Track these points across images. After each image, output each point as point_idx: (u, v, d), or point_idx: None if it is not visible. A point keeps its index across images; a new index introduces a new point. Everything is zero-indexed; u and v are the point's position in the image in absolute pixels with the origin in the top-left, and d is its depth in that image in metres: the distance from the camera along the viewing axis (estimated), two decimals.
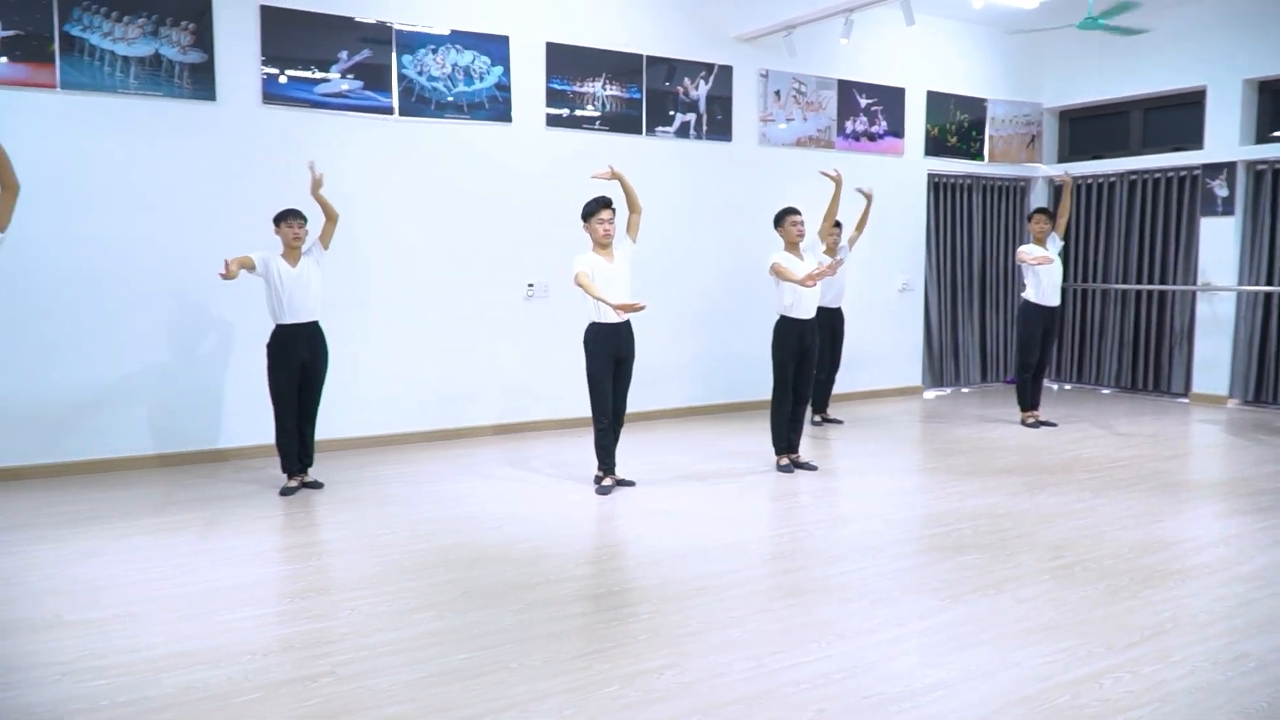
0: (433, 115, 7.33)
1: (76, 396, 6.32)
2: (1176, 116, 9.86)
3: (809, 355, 6.36)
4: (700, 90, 8.52)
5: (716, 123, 8.65)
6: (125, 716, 2.99)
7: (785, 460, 6.45)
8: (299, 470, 5.91)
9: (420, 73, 7.27)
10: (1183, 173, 9.61)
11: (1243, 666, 3.34)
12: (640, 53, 8.19)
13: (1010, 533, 4.97)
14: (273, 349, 5.75)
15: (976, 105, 10.26)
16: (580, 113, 7.96)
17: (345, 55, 6.99)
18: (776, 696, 3.13)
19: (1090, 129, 10.71)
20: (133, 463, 6.49)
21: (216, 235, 6.54)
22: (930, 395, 10.06)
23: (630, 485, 5.98)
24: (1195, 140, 9.51)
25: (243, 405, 6.73)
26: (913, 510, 5.54)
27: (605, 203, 5.77)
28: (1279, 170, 8.91)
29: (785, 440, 6.45)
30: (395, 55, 7.17)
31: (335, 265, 6.41)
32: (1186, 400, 9.54)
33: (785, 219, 6.36)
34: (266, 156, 6.76)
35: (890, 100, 9.67)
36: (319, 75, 6.92)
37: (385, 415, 7.32)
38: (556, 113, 7.84)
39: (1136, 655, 3.43)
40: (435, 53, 7.31)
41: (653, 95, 8.29)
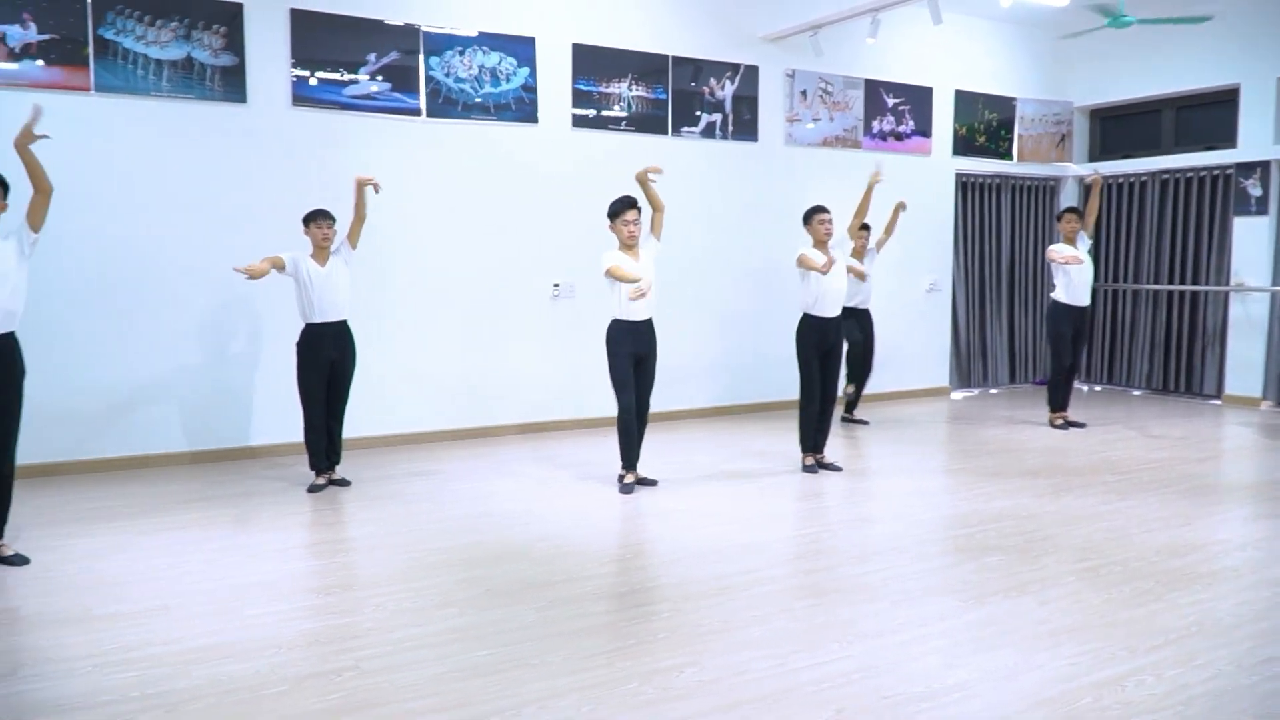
0: (459, 116, 7.39)
1: (111, 394, 6.42)
2: (1209, 115, 9.74)
3: (833, 354, 6.33)
4: (726, 90, 8.53)
5: (743, 123, 8.65)
6: (154, 708, 3.05)
7: (810, 460, 6.44)
8: (327, 468, 5.98)
9: (447, 74, 7.32)
10: (1215, 172, 9.50)
11: (1268, 671, 3.31)
12: (666, 53, 8.20)
13: (1035, 535, 4.94)
14: (302, 348, 5.82)
15: (1005, 104, 10.19)
16: (606, 113, 7.98)
17: (373, 57, 7.05)
18: (796, 695, 3.13)
19: (1121, 128, 10.60)
20: (165, 459, 6.59)
21: (247, 236, 6.62)
22: (957, 396, 10.01)
23: (653, 484, 6.00)
24: (1228, 139, 9.39)
25: (272, 403, 6.81)
26: (937, 511, 5.52)
27: (630, 203, 5.77)
28: None
29: (811, 440, 6.44)
30: (423, 57, 7.23)
31: (363, 265, 6.48)
32: (1219, 402, 9.42)
33: (813, 217, 6.34)
34: (296, 158, 6.85)
35: (918, 100, 9.63)
36: (347, 77, 6.99)
37: (412, 414, 7.39)
38: (582, 113, 7.88)
39: (1160, 658, 3.40)
40: (462, 54, 7.36)
41: (678, 96, 8.30)
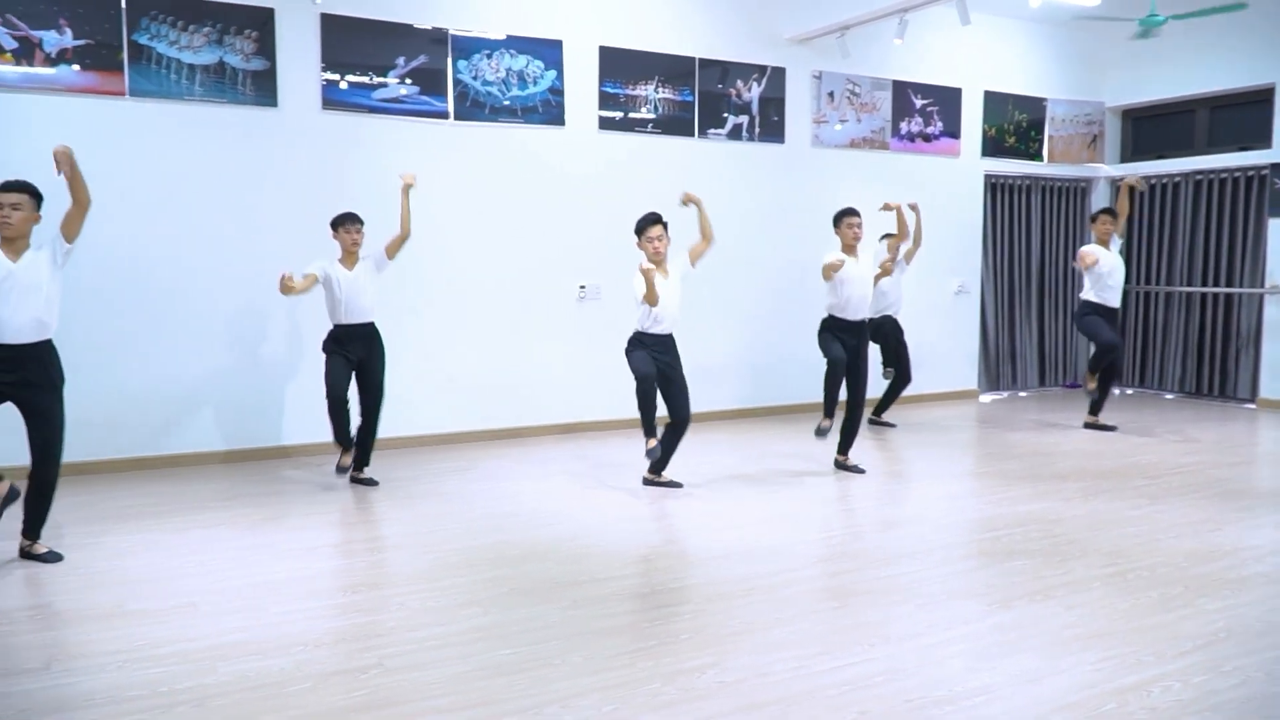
0: (487, 119, 7.43)
1: (143, 395, 6.52)
2: (1244, 115, 9.61)
3: (859, 356, 6.28)
4: (753, 92, 8.52)
5: (770, 124, 8.64)
6: (181, 703, 3.10)
7: (828, 424, 6.35)
8: (351, 445, 5.97)
9: (475, 77, 7.37)
10: (1250, 172, 9.37)
11: None
12: (693, 55, 8.21)
13: (1062, 539, 4.90)
14: (328, 345, 5.91)
15: (1035, 105, 10.11)
16: (633, 116, 8.00)
17: (402, 61, 7.12)
18: (818, 698, 3.13)
19: (1154, 128, 10.49)
20: (196, 459, 6.68)
21: (278, 238, 6.71)
22: (986, 399, 9.94)
23: (678, 487, 6.00)
24: (1263, 139, 9.26)
25: (302, 404, 6.88)
26: (963, 514, 5.48)
27: (655, 219, 5.72)
28: None
29: (834, 404, 6.32)
30: (451, 60, 7.28)
31: (392, 266, 6.52)
32: (1253, 406, 9.29)
33: (843, 220, 6.29)
34: (326, 160, 6.92)
35: (946, 100, 9.57)
36: (377, 81, 7.06)
37: (439, 415, 7.44)
38: (609, 115, 7.90)
39: (1187, 664, 3.37)
40: (490, 57, 7.41)
41: (705, 97, 8.31)
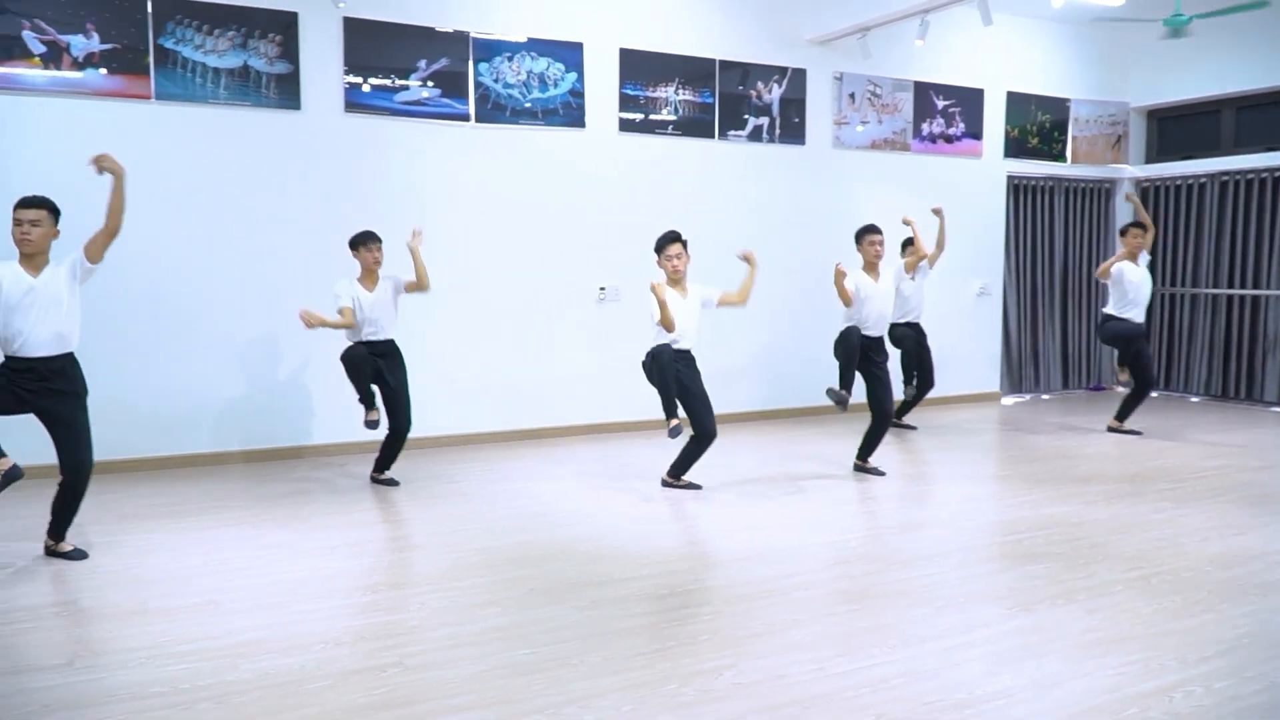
0: (508, 122, 7.46)
1: (167, 395, 6.58)
2: (1271, 115, 9.50)
3: (880, 368, 6.21)
4: (774, 94, 8.51)
5: (790, 126, 8.62)
6: (203, 699, 3.13)
7: (846, 393, 6.13)
8: (374, 403, 5.95)
9: (496, 80, 7.40)
10: (1277, 173, 9.27)
11: None
12: (713, 57, 8.21)
13: (1084, 542, 4.86)
14: (346, 354, 5.82)
15: (1059, 105, 10.04)
16: (653, 118, 8.01)
17: (424, 64, 7.15)
18: (835, 700, 3.12)
19: (1179, 128, 10.39)
20: (218, 458, 6.74)
21: (301, 240, 6.77)
22: (1008, 401, 9.88)
23: (697, 488, 5.99)
24: None
25: (324, 404, 6.94)
26: (984, 517, 5.45)
27: (675, 237, 5.71)
28: None
29: (851, 375, 6.16)
30: (472, 63, 7.31)
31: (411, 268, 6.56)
32: None
33: (864, 237, 6.22)
34: (348, 163, 6.98)
35: (968, 101, 9.52)
36: (399, 84, 7.10)
37: (460, 416, 7.47)
38: (629, 118, 7.91)
39: (1210, 670, 3.34)
40: (511, 60, 7.44)
41: (725, 99, 8.30)
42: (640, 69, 7.92)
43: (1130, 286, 7.53)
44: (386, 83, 7.06)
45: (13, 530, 5.03)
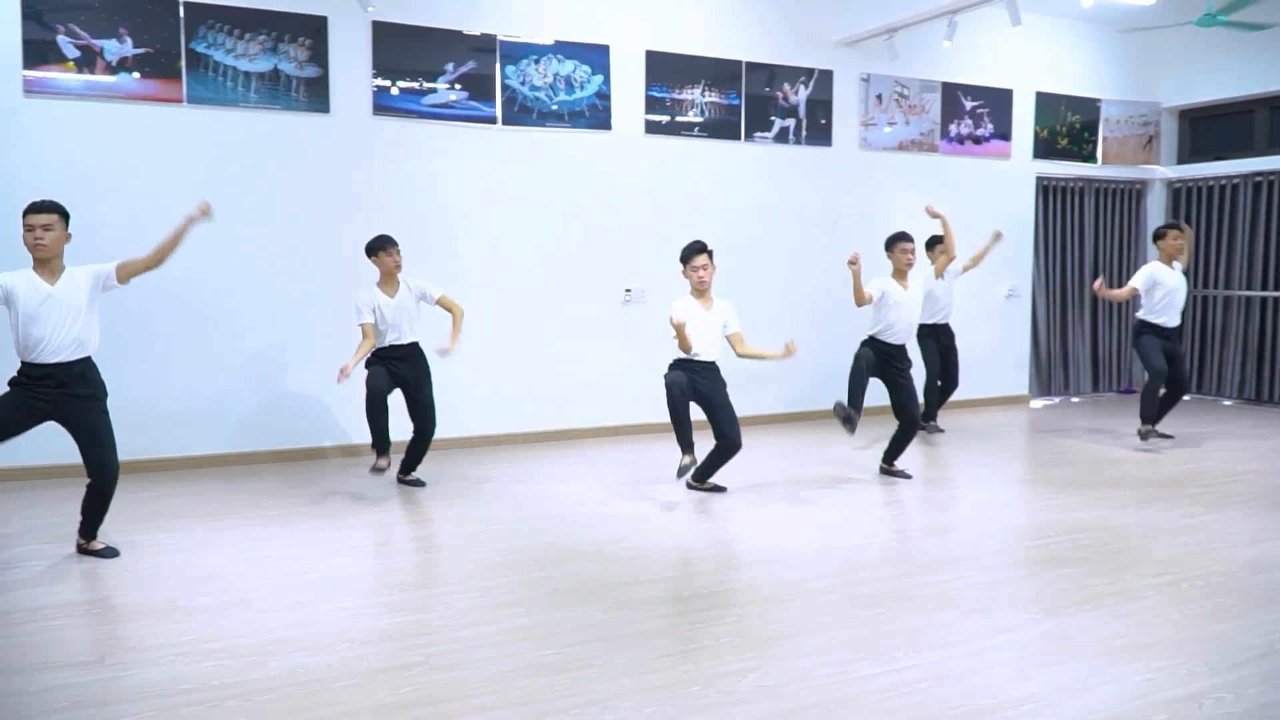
0: (534, 124, 7.49)
1: (196, 395, 6.66)
2: None
3: (904, 375, 6.16)
4: (800, 95, 8.49)
5: (817, 127, 8.60)
6: (232, 697, 3.16)
7: (854, 413, 6.04)
8: (388, 450, 5.82)
9: (523, 82, 7.43)
10: None
11: None
12: (739, 59, 8.20)
13: (1112, 547, 4.81)
14: (372, 360, 5.85)
15: (1089, 106, 9.95)
16: (679, 119, 8.02)
17: (451, 67, 7.20)
18: (859, 703, 3.11)
19: (1212, 129, 10.27)
20: (247, 458, 6.81)
21: (329, 241, 6.82)
22: (1037, 405, 9.80)
23: (722, 491, 5.99)
24: None
25: (352, 405, 6.97)
26: (1012, 521, 5.41)
27: (700, 248, 5.63)
28: None
29: (859, 396, 6.07)
30: (499, 66, 7.35)
31: (441, 271, 6.61)
32: None
33: (896, 245, 6.13)
34: (376, 165, 7.03)
35: (997, 102, 9.46)
36: (426, 86, 7.15)
37: (486, 416, 7.51)
38: (655, 119, 7.92)
39: (1241, 676, 3.29)
40: (538, 63, 7.47)
41: (752, 101, 8.29)
42: (666, 71, 7.93)
43: (1164, 291, 7.24)
44: (414, 86, 7.11)
45: (45, 529, 5.11)
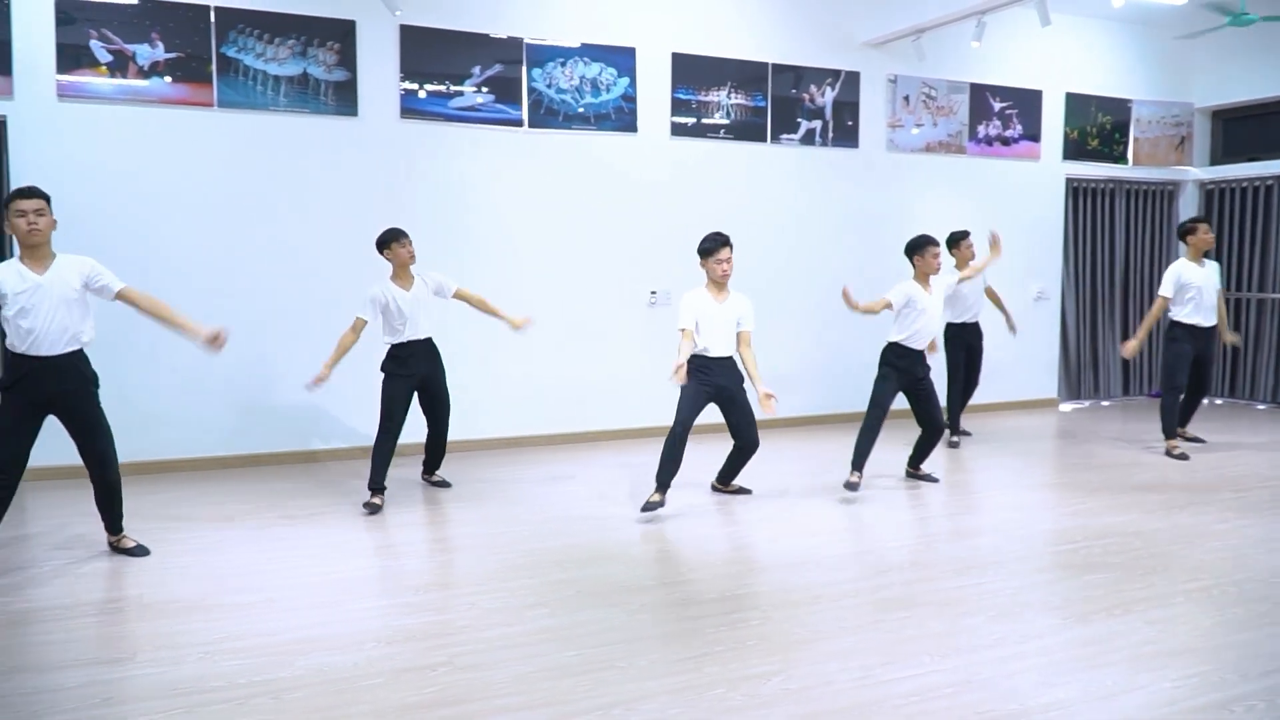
0: (560, 127, 7.51)
1: (227, 395, 6.73)
2: None
3: (924, 382, 6.07)
4: (827, 97, 8.46)
5: (843, 129, 8.56)
6: (260, 694, 3.19)
7: (856, 478, 5.91)
8: (383, 489, 5.67)
9: (549, 85, 7.46)
10: None
11: None
12: (765, 60, 8.18)
13: (1143, 552, 4.76)
14: (388, 364, 5.75)
15: (1120, 106, 9.85)
16: (705, 121, 8.01)
17: (478, 70, 7.23)
18: (884, 707, 3.10)
19: (1246, 129, 10.13)
20: (277, 458, 6.87)
21: (358, 244, 6.85)
22: (1066, 408, 9.70)
23: (747, 493, 5.98)
24: None
25: (376, 407, 7.01)
26: (1039, 526, 5.36)
27: (726, 240, 5.51)
28: None
29: (864, 457, 5.98)
30: (525, 69, 7.37)
31: (467, 273, 6.62)
32: None
33: (926, 249, 5.94)
34: (403, 168, 7.08)
35: (1026, 103, 9.38)
36: (453, 89, 7.18)
37: (511, 418, 7.53)
38: (681, 122, 7.92)
39: (1272, 684, 3.25)
40: (564, 65, 7.49)
41: (778, 103, 8.27)
42: (692, 73, 7.92)
43: (1192, 290, 7.02)
44: (441, 89, 7.15)
45: (72, 527, 5.17)
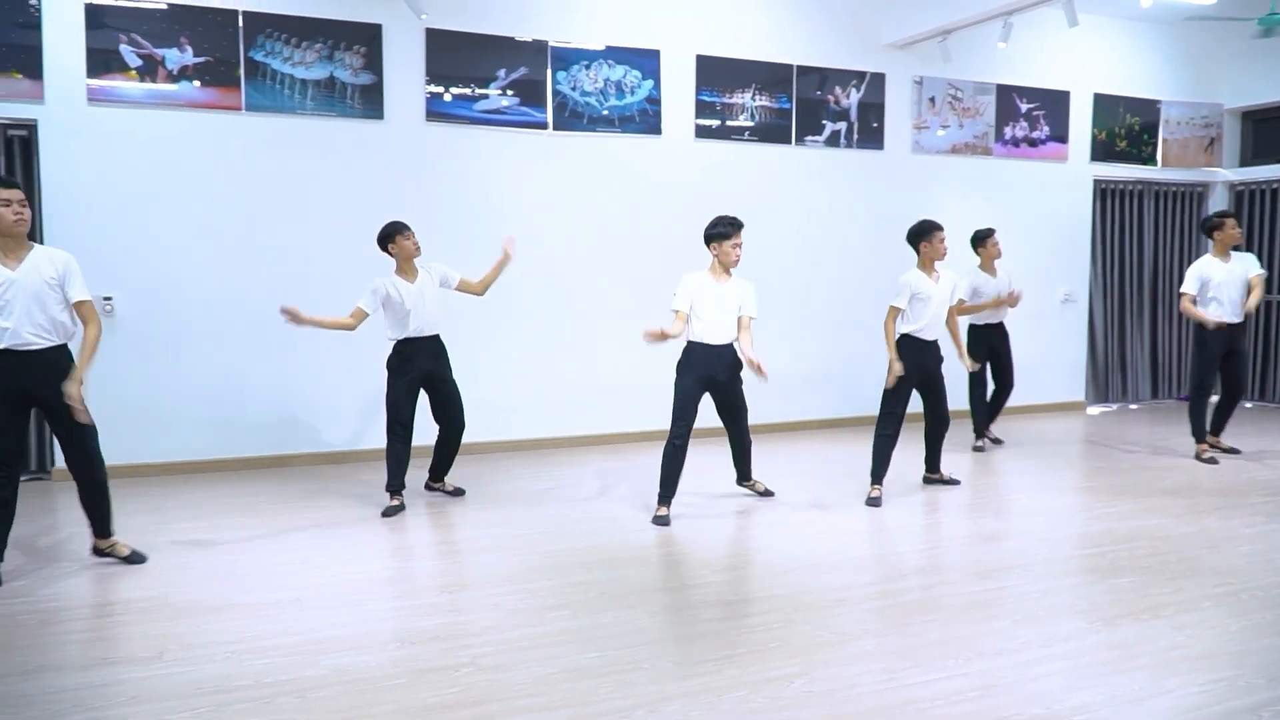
0: (585, 129, 7.53)
1: (253, 397, 6.78)
2: None
3: (936, 375, 6.01)
4: (852, 98, 8.43)
5: (869, 131, 8.53)
6: (285, 694, 3.22)
7: (877, 492, 5.85)
8: (402, 489, 5.66)
9: (574, 88, 7.48)
10: None
11: None
12: (790, 62, 8.17)
13: (1170, 556, 4.71)
14: (393, 362, 5.64)
15: (1149, 107, 9.75)
16: (730, 123, 8.00)
17: (503, 73, 7.26)
18: (908, 711, 3.08)
19: (1275, 130, 9.99)
20: (301, 459, 6.92)
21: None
22: (1094, 411, 9.61)
23: (770, 495, 5.96)
24: None
25: None
26: (1066, 529, 5.31)
27: (741, 225, 5.45)
28: None
29: (882, 470, 5.93)
30: (550, 71, 7.40)
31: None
32: None
33: (934, 234, 5.85)
34: (429, 171, 7.12)
35: (1053, 104, 9.31)
36: (478, 92, 7.22)
37: (532, 420, 7.55)
38: (706, 124, 7.91)
39: None
40: (589, 68, 7.50)
41: (803, 104, 8.25)
42: (717, 75, 7.92)
43: (1212, 286, 6.80)
44: (466, 92, 7.19)
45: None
